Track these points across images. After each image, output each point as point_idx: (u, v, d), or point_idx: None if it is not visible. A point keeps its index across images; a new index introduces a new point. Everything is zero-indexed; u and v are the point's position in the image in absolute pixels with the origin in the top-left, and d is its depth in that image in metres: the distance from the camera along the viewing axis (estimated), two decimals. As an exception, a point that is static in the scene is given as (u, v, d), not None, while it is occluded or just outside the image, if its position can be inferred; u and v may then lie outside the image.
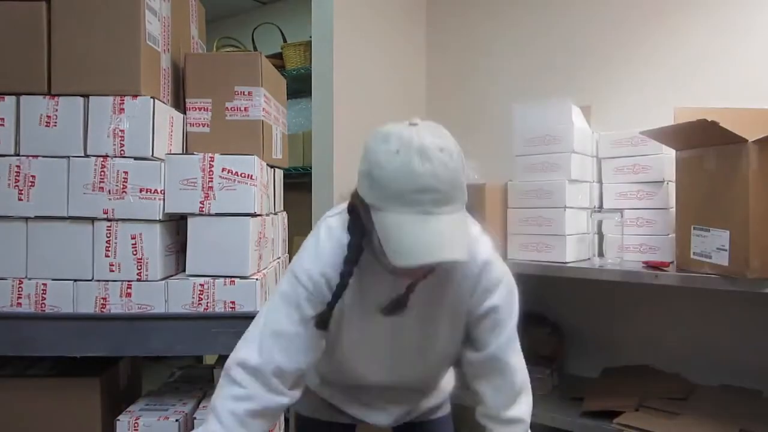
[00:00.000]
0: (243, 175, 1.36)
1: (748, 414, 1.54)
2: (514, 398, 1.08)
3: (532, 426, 1.11)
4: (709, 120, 1.33)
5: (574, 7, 2.14)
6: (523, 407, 1.09)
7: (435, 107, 2.44)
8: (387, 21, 2.26)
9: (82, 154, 1.32)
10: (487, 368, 1.08)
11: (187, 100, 1.51)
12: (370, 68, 2.18)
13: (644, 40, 1.99)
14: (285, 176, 1.92)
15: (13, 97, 1.32)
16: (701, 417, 1.54)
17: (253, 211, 1.37)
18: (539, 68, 2.20)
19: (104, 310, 1.32)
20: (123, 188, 1.32)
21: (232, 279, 1.35)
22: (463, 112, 2.37)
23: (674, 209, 1.63)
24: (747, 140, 1.34)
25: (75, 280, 1.32)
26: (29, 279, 1.32)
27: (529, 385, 1.11)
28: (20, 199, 1.31)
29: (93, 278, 1.32)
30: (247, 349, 1.01)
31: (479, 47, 2.36)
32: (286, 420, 1.73)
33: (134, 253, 1.32)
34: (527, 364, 1.05)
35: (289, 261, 1.07)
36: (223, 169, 1.36)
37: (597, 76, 2.08)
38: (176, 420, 1.31)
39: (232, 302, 1.34)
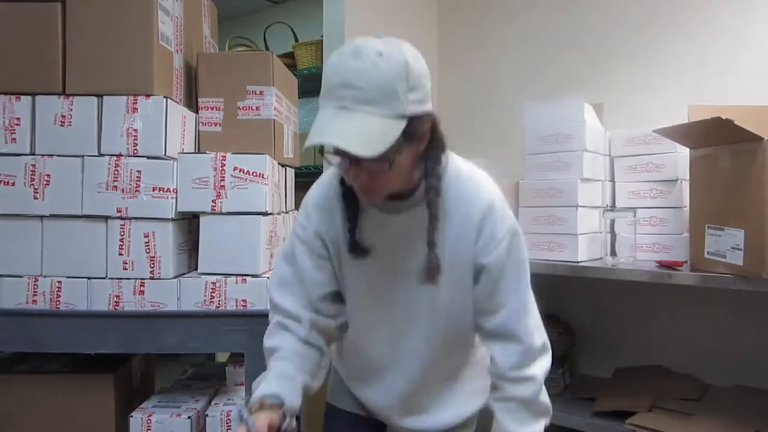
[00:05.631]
0: (254, 174, 1.37)
1: (764, 415, 1.52)
2: (529, 361, 1.00)
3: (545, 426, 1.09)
4: (724, 118, 1.31)
5: (587, 5, 2.12)
6: (536, 368, 1.00)
7: (446, 106, 2.44)
8: (398, 20, 2.26)
9: (96, 154, 1.33)
10: (500, 335, 1.00)
11: (199, 99, 1.52)
12: (382, 67, 2.18)
13: (658, 37, 1.97)
14: (296, 175, 1.92)
15: (29, 97, 1.33)
16: (715, 418, 1.52)
17: (264, 210, 1.38)
18: (551, 67, 2.19)
19: (118, 307, 1.33)
20: (136, 187, 1.33)
21: (244, 277, 1.36)
22: (475, 111, 2.37)
23: (688, 208, 1.62)
24: (762, 138, 1.32)
25: (89, 278, 1.34)
26: (44, 277, 1.34)
27: (548, 344, 1.03)
28: (36, 198, 1.32)
29: (107, 276, 1.34)
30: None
31: (490, 45, 2.35)
32: (297, 418, 1.73)
33: (147, 251, 1.34)
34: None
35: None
36: (235, 168, 1.36)
37: (609, 74, 2.06)
38: (188, 417, 1.33)
39: (244, 300, 1.35)
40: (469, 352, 1.14)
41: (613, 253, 1.71)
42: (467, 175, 1.01)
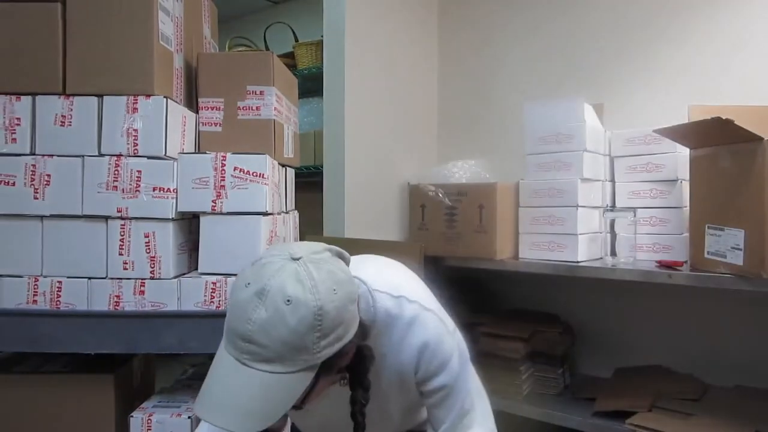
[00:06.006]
0: (255, 174, 1.37)
1: (764, 415, 1.52)
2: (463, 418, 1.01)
3: (545, 426, 1.10)
4: (724, 118, 1.31)
5: (587, 5, 2.12)
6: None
7: (446, 106, 2.44)
8: (399, 19, 2.26)
9: (97, 154, 1.33)
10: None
11: (199, 99, 1.52)
12: (382, 67, 2.18)
13: (658, 37, 1.97)
14: (296, 175, 1.92)
15: (29, 97, 1.33)
16: (715, 418, 1.52)
17: (264, 210, 1.38)
18: (551, 66, 2.19)
19: (118, 307, 1.33)
20: (136, 187, 1.33)
21: (244, 277, 1.36)
22: (475, 111, 2.37)
23: (688, 208, 1.62)
24: (762, 138, 1.32)
25: (89, 278, 1.34)
26: (45, 277, 1.34)
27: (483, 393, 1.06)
28: (36, 198, 1.32)
29: (107, 276, 1.34)
30: None
31: (491, 45, 2.35)
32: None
33: (147, 251, 1.34)
34: (540, 363, 1.02)
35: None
36: (235, 168, 1.36)
37: (610, 74, 2.06)
38: (188, 417, 1.33)
39: (244, 300, 1.35)
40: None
41: (613, 253, 1.72)
42: (396, 316, 0.95)
